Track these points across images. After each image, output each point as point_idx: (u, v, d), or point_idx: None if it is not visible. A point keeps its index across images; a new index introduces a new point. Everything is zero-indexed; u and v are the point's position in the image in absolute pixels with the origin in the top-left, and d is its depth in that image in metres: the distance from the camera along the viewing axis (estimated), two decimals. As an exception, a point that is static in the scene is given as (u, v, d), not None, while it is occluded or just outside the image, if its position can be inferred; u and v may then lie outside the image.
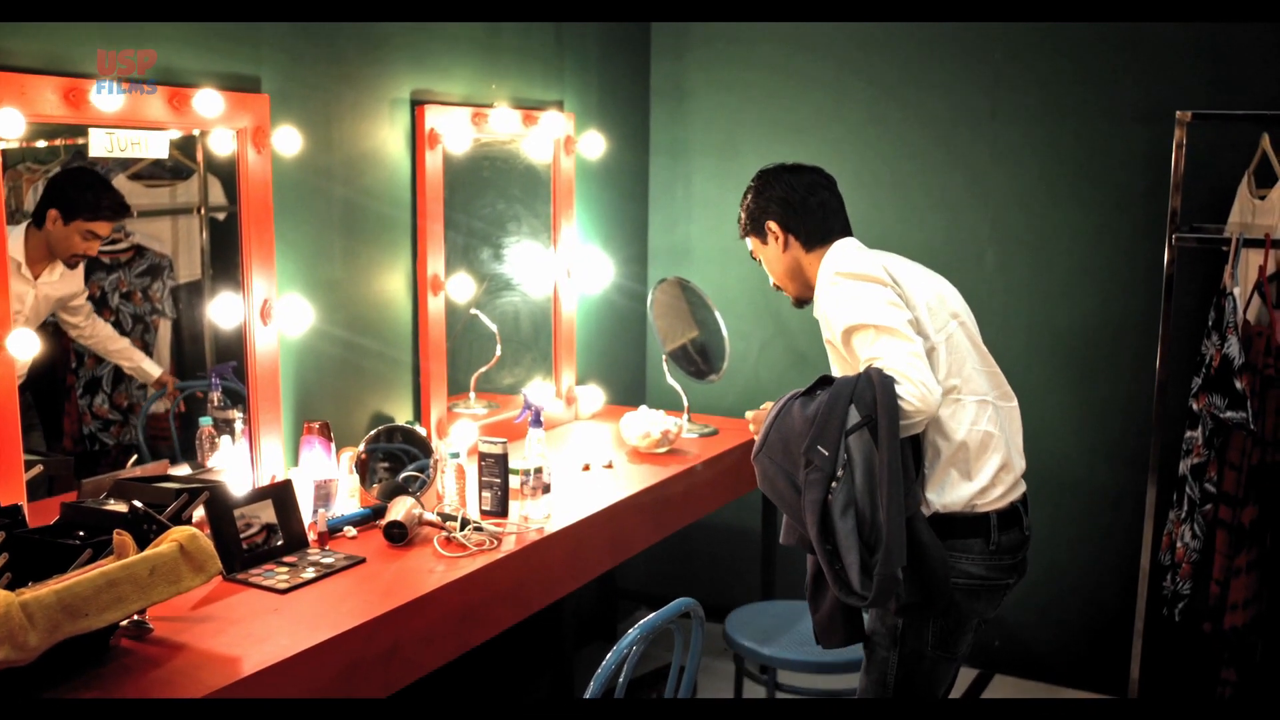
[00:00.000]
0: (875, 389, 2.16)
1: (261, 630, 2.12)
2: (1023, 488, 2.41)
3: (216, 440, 2.82)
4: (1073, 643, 3.82)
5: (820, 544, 2.16)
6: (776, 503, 2.29)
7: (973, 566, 2.32)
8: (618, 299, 4.19)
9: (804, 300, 2.61)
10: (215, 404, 2.88)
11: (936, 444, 2.33)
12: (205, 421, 2.82)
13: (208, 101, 2.53)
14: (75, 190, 2.48)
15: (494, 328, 3.48)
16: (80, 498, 2.46)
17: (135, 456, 2.73)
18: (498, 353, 3.51)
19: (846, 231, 2.55)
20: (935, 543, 2.25)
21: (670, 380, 3.76)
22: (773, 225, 2.54)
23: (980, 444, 2.32)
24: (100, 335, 2.67)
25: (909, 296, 2.34)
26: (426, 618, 2.34)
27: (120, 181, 2.60)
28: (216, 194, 2.80)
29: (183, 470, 2.74)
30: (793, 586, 3.56)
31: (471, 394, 3.51)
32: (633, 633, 1.94)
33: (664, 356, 3.76)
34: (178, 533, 1.97)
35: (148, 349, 2.78)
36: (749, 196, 2.60)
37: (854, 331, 2.30)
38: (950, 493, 2.32)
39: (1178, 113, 3.21)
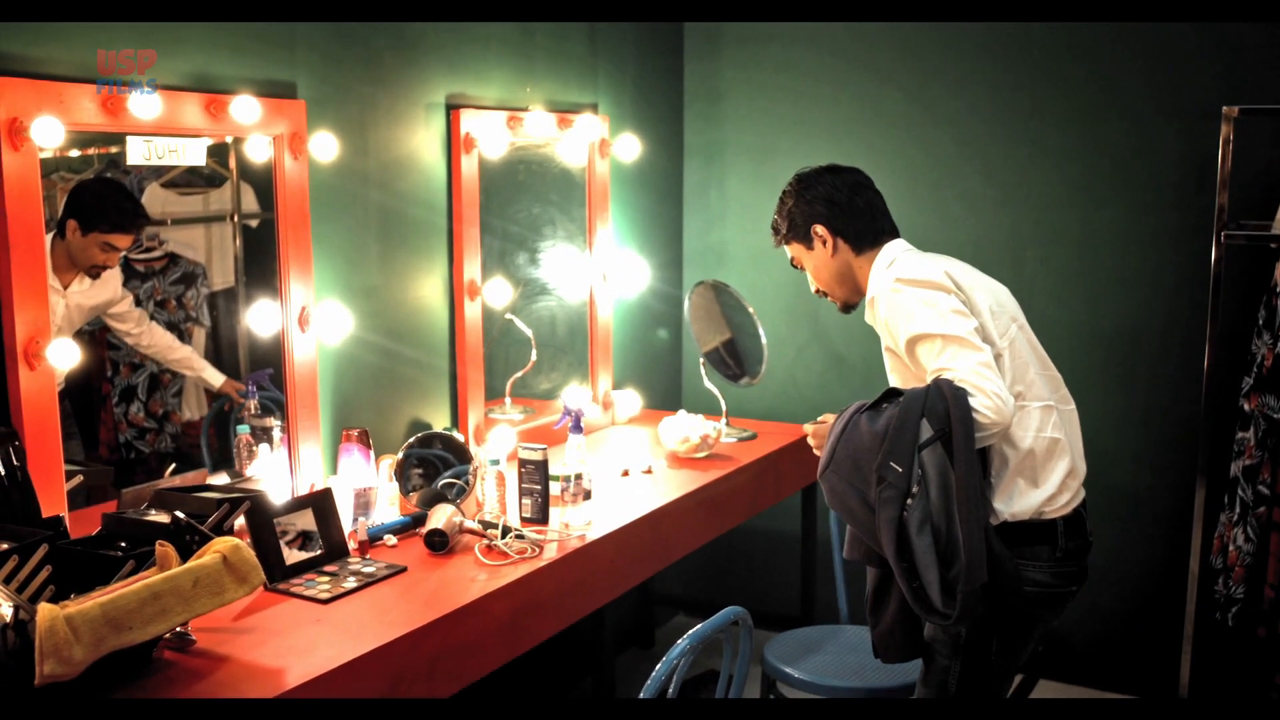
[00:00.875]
0: (948, 402, 2.11)
1: (305, 641, 2.10)
2: (1084, 493, 2.36)
3: (255, 448, 2.81)
4: (1119, 647, 3.75)
5: (897, 562, 2.11)
6: (848, 520, 2.24)
7: (1039, 574, 2.28)
8: (654, 302, 4.16)
9: (852, 305, 2.56)
10: (252, 411, 2.87)
11: (1004, 452, 2.27)
12: (243, 429, 2.81)
13: (245, 108, 2.52)
14: (93, 201, 2.45)
15: (529, 332, 3.46)
16: (120, 508, 2.45)
17: (173, 465, 2.72)
18: (533, 357, 3.48)
19: (895, 232, 2.50)
20: (1006, 554, 2.20)
21: (708, 384, 3.72)
22: (820, 229, 2.47)
23: (1047, 450, 2.28)
24: (160, 344, 2.65)
25: (973, 302, 2.29)
26: (470, 628, 2.31)
27: (153, 189, 2.59)
28: (250, 201, 2.79)
29: (221, 479, 2.73)
30: (831, 595, 3.51)
31: (508, 399, 3.48)
32: (682, 643, 1.91)
33: (701, 360, 3.73)
34: (221, 543, 1.95)
35: None
36: (789, 201, 2.52)
37: (919, 341, 2.24)
38: (1019, 501, 2.27)
39: (1224, 108, 3.15)
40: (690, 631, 1.94)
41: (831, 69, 3.99)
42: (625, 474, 3.25)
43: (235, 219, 2.80)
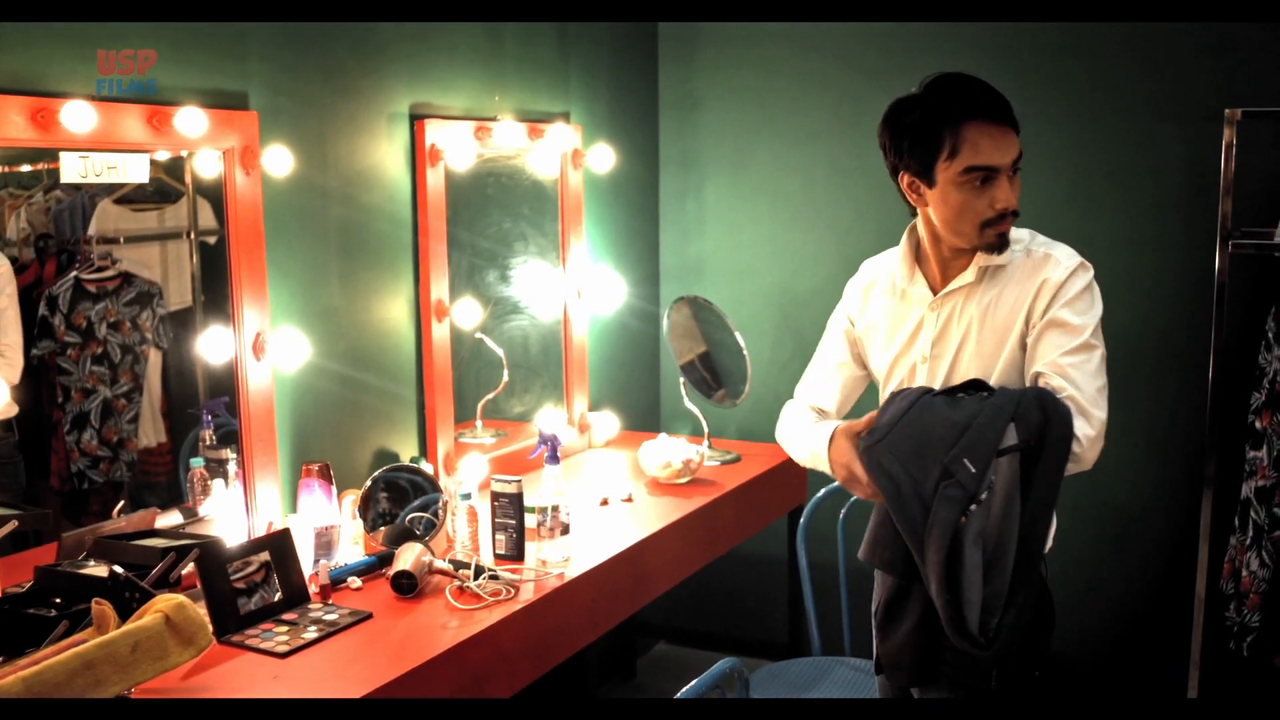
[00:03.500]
0: (1047, 415, 1.87)
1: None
2: None
3: (209, 483, 2.62)
4: (1122, 672, 3.61)
5: (941, 571, 1.84)
6: (891, 508, 1.94)
7: None
8: (630, 320, 3.99)
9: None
10: (208, 443, 2.68)
11: None
12: (197, 463, 2.62)
13: (191, 120, 2.33)
14: None
15: (500, 352, 3.28)
16: (60, 555, 2.26)
17: (122, 504, 2.53)
18: (505, 379, 3.31)
19: None
20: (1048, 591, 2.02)
21: (689, 404, 3.56)
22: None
23: None
24: None
25: None
26: (441, 680, 2.13)
27: (105, 206, 2.43)
28: (207, 217, 2.62)
29: (173, 518, 2.54)
30: (821, 623, 3.34)
31: (478, 422, 3.30)
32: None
33: (681, 380, 3.56)
34: (163, 602, 1.76)
35: (138, 381, 2.59)
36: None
37: (1078, 335, 1.98)
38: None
39: (1227, 111, 3.01)
40: (686, 688, 1.77)
41: (811, 72, 3.84)
42: (604, 503, 3.08)
43: (192, 236, 2.63)
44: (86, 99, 2.16)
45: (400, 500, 2.78)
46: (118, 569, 1.86)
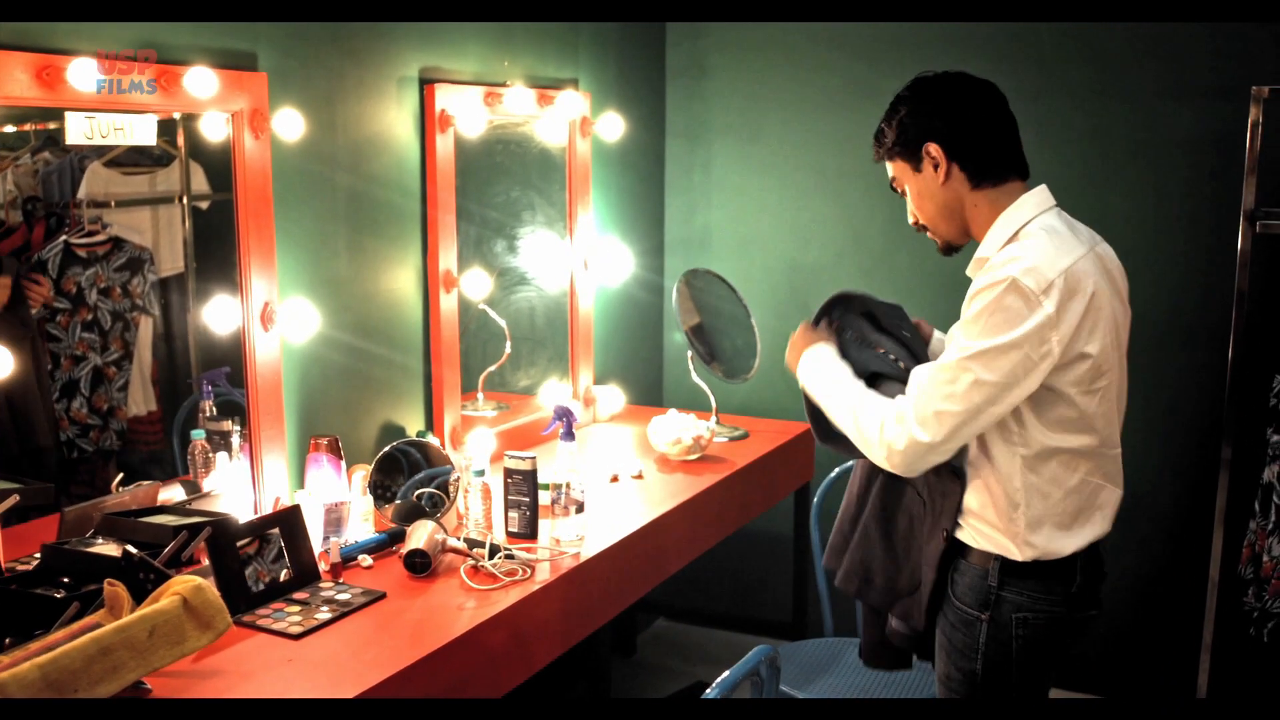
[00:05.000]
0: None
1: (276, 687, 1.85)
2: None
3: (211, 457, 2.55)
4: (1133, 655, 3.58)
5: None
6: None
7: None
8: (637, 291, 3.91)
9: (955, 247, 2.13)
10: (208, 414, 2.60)
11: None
12: (198, 435, 2.55)
13: (201, 80, 2.23)
14: None
15: (503, 324, 3.20)
16: (61, 531, 2.19)
17: (121, 475, 2.45)
18: (507, 350, 3.23)
19: (1025, 172, 2.08)
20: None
21: (696, 378, 3.49)
22: (933, 148, 2.02)
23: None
24: None
25: (1082, 329, 1.96)
26: (459, 663, 2.07)
27: (95, 169, 2.34)
28: (200, 181, 2.55)
29: (175, 492, 2.46)
30: (834, 603, 3.30)
31: (480, 395, 3.23)
32: (712, 693, 1.68)
33: (689, 354, 3.49)
34: (180, 584, 1.69)
35: (128, 348, 2.51)
36: (903, 108, 2.08)
37: (952, 365, 1.96)
38: None
39: (1254, 88, 2.95)
40: (718, 681, 1.71)
41: (824, 40, 3.76)
42: (614, 479, 3.01)
43: (184, 200, 2.55)
44: (94, 56, 2.06)
45: (407, 475, 2.70)
46: (131, 549, 1.78)
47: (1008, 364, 1.84)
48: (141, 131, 2.23)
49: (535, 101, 3.23)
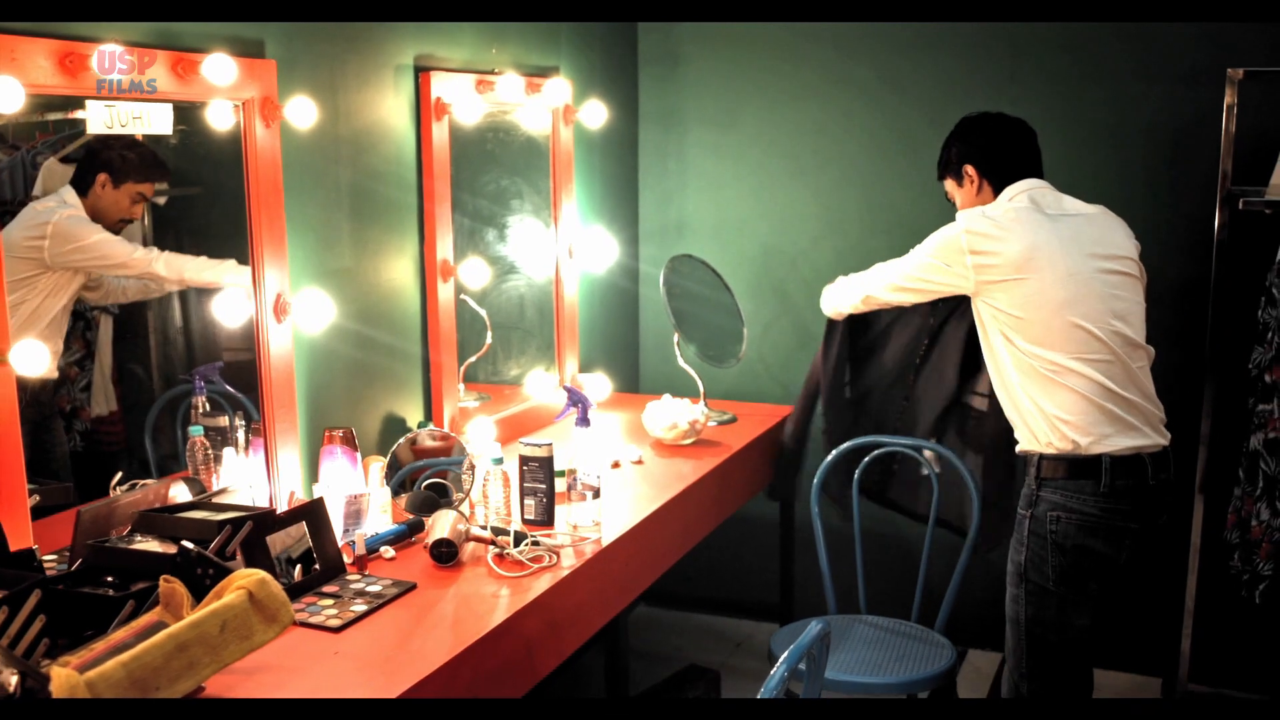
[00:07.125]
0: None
1: (331, 680, 1.83)
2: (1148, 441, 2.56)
3: (212, 452, 2.50)
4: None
5: None
6: None
7: (1085, 506, 2.49)
8: (622, 280, 3.92)
9: None
10: (202, 410, 2.56)
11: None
12: (196, 431, 2.50)
13: (219, 68, 2.19)
14: (121, 152, 2.28)
15: (483, 312, 3.17)
16: (78, 529, 2.13)
17: (120, 474, 2.40)
18: (489, 340, 3.20)
19: (1035, 175, 2.74)
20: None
21: (683, 363, 3.50)
22: (970, 169, 2.73)
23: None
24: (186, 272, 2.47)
25: (1004, 256, 2.64)
26: (502, 651, 2.07)
27: (51, 165, 2.27)
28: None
29: (179, 489, 2.41)
30: (811, 580, 3.34)
31: (460, 386, 3.16)
32: (780, 670, 1.69)
33: (675, 339, 3.50)
34: (243, 578, 1.66)
35: (89, 348, 2.45)
36: (953, 143, 2.80)
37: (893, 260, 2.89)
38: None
39: (1229, 70, 3.05)
40: (785, 655, 1.73)
41: (796, 31, 3.79)
42: (616, 465, 3.02)
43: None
44: (117, 42, 2.01)
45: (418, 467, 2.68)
46: (188, 544, 1.74)
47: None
48: (159, 120, 2.18)
49: (524, 90, 3.21)
